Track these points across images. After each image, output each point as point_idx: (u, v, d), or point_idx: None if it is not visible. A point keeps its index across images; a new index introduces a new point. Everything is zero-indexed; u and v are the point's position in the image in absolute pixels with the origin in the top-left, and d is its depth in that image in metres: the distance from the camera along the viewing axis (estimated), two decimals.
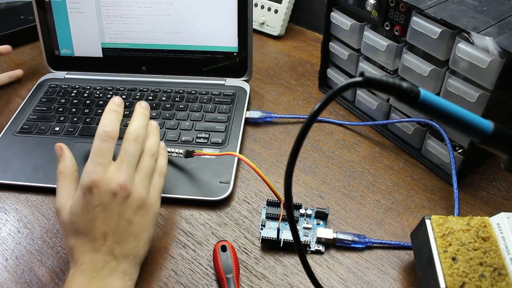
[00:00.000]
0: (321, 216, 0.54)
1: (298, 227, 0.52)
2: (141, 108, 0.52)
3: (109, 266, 0.43)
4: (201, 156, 0.61)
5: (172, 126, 0.66)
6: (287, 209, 0.33)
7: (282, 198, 0.52)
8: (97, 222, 0.43)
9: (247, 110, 0.70)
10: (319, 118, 0.67)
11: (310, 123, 0.29)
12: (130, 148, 0.47)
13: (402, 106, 0.64)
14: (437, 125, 0.58)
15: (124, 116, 0.69)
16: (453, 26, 0.51)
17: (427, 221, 0.46)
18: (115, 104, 0.49)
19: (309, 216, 0.55)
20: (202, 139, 0.64)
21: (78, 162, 0.61)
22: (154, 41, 0.74)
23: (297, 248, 0.35)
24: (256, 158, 0.64)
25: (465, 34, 0.50)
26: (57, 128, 0.67)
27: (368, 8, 0.60)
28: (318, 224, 0.54)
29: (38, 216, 0.56)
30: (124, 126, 0.68)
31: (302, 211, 0.55)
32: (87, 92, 0.73)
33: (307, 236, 0.53)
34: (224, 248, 0.49)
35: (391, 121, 0.65)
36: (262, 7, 0.91)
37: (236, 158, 0.61)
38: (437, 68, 0.55)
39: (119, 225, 0.44)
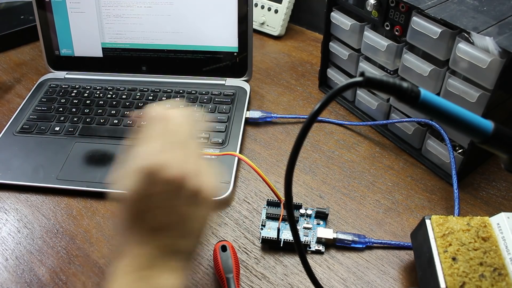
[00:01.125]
0: (321, 216, 0.54)
1: (298, 227, 0.53)
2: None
3: (159, 264, 0.39)
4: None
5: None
6: (288, 209, 0.33)
7: (282, 198, 0.52)
8: (146, 216, 0.39)
9: (247, 110, 0.70)
10: (319, 118, 0.67)
11: (310, 123, 0.29)
12: (181, 129, 0.42)
13: (402, 106, 0.64)
14: (437, 125, 0.58)
15: (124, 116, 0.69)
16: (453, 26, 0.51)
17: (427, 221, 0.46)
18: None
19: (309, 216, 0.55)
20: (202, 139, 0.64)
21: (78, 162, 0.61)
22: (154, 41, 0.74)
23: (297, 248, 0.35)
24: (256, 158, 0.64)
25: (465, 34, 0.50)
26: (57, 128, 0.66)
27: (368, 8, 0.60)
28: (318, 224, 0.54)
29: (38, 216, 0.56)
30: (124, 126, 0.68)
31: (302, 211, 0.55)
32: (87, 92, 0.73)
33: (307, 236, 0.53)
34: (224, 248, 0.49)
35: (391, 121, 0.65)
36: (262, 7, 0.91)
37: (236, 158, 0.61)
38: (437, 68, 0.55)
39: (170, 218, 0.39)
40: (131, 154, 0.39)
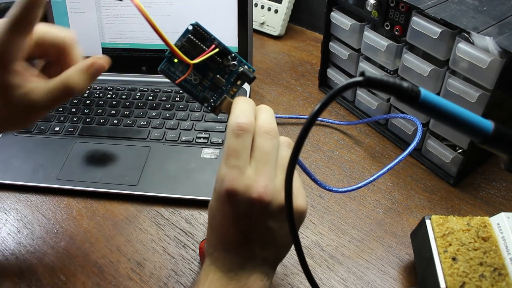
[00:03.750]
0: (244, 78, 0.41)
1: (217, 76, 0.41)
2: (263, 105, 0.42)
3: (247, 268, 0.39)
4: (201, 156, 0.61)
5: (172, 126, 0.66)
6: (287, 209, 0.33)
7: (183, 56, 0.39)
8: (231, 229, 0.38)
9: None
10: (319, 118, 0.67)
11: (310, 124, 0.29)
12: (265, 144, 0.38)
13: (402, 106, 0.64)
14: (417, 121, 0.57)
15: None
16: (453, 26, 0.51)
17: (427, 221, 0.46)
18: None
19: (230, 70, 0.41)
20: (202, 139, 0.64)
21: (78, 162, 0.61)
22: (154, 41, 0.74)
23: (297, 248, 0.35)
24: None
25: (465, 34, 0.50)
26: (57, 128, 0.66)
27: (368, 8, 0.60)
28: (234, 83, 0.41)
29: (38, 216, 0.56)
30: (124, 126, 0.68)
31: (226, 61, 0.40)
32: (87, 92, 0.73)
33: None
34: None
35: (383, 116, 0.63)
36: (262, 7, 0.91)
37: None
38: (437, 68, 0.55)
39: (256, 232, 0.38)
40: (218, 174, 0.38)
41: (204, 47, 0.40)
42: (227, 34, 0.72)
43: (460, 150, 0.58)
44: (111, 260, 0.51)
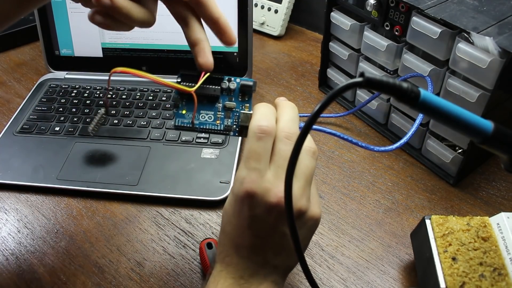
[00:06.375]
0: (246, 89, 0.42)
1: (219, 104, 0.42)
2: (285, 100, 0.41)
3: (258, 275, 0.39)
4: (201, 156, 0.61)
5: (172, 126, 0.66)
6: (287, 210, 0.33)
7: (190, 89, 0.41)
8: (246, 233, 0.38)
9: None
10: (322, 115, 0.67)
11: (310, 124, 0.29)
12: (286, 149, 0.37)
13: (402, 106, 0.64)
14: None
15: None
16: (453, 26, 0.51)
17: (427, 221, 0.46)
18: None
19: (232, 91, 0.42)
20: (202, 139, 0.64)
21: (78, 162, 0.61)
22: (154, 41, 0.74)
23: (297, 248, 0.35)
24: None
25: (465, 34, 0.50)
26: (57, 128, 0.67)
27: (368, 8, 0.60)
28: (243, 101, 0.42)
29: (38, 216, 0.56)
30: (124, 126, 0.68)
31: (224, 85, 0.41)
32: (87, 92, 0.73)
33: (229, 118, 0.41)
34: (210, 246, 0.50)
35: (362, 104, 0.63)
36: (262, 7, 0.91)
37: (236, 159, 0.61)
38: (437, 68, 0.55)
39: (271, 237, 0.38)
40: (238, 175, 0.37)
41: (196, 76, 0.41)
42: None
43: (460, 150, 0.58)
44: (111, 260, 0.51)
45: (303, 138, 0.30)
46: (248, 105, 0.41)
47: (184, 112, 0.41)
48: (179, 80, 0.41)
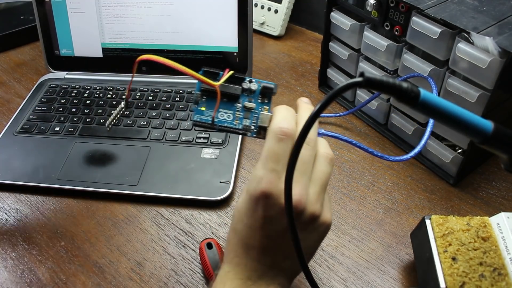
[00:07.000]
0: (267, 92, 0.42)
1: (239, 104, 0.42)
2: (305, 103, 0.42)
3: (266, 277, 0.39)
4: (201, 156, 0.61)
5: (172, 126, 0.66)
6: (287, 209, 0.33)
7: (214, 83, 0.41)
8: (257, 233, 0.38)
9: None
10: (322, 115, 0.67)
11: (310, 124, 0.29)
12: (304, 153, 0.37)
13: (402, 106, 0.64)
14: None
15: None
16: (453, 26, 0.51)
17: (427, 221, 0.46)
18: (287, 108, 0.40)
19: (252, 92, 0.42)
20: (202, 139, 0.64)
21: (78, 162, 0.61)
22: (154, 41, 0.74)
23: (297, 248, 0.35)
24: (256, 158, 0.64)
25: (465, 34, 0.50)
26: (57, 128, 0.67)
27: (368, 8, 0.60)
28: (262, 102, 0.42)
29: (38, 216, 0.56)
30: (124, 126, 0.68)
31: (245, 85, 0.42)
32: (87, 92, 0.73)
33: (248, 118, 0.41)
34: (210, 246, 0.50)
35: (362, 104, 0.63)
36: (262, 7, 0.91)
37: (236, 159, 0.61)
38: (437, 68, 0.55)
39: (281, 240, 0.38)
40: (255, 175, 0.37)
41: (221, 73, 0.41)
42: (227, 34, 0.72)
43: (460, 150, 0.58)
44: (111, 260, 0.51)
45: (303, 138, 0.30)
46: (267, 107, 0.41)
47: (203, 108, 0.41)
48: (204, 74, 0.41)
